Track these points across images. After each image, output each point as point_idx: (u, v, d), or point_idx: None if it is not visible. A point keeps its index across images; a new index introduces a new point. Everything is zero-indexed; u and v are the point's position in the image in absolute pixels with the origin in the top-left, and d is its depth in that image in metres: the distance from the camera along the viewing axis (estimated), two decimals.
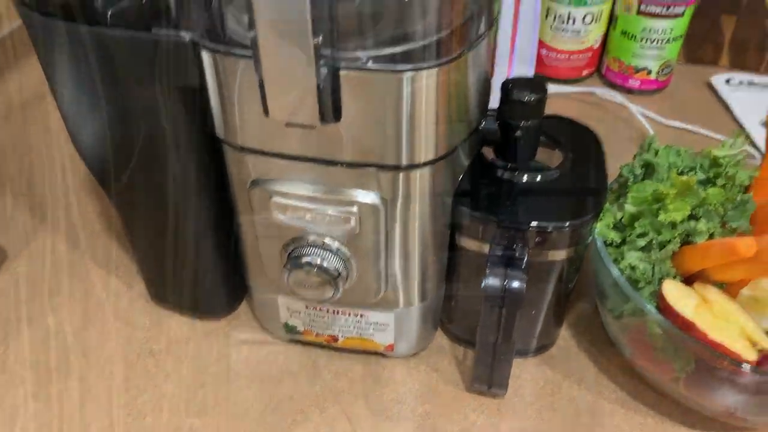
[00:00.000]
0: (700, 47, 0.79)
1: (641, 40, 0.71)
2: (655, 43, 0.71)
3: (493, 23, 0.37)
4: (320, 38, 0.28)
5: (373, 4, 0.29)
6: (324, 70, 0.30)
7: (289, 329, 0.46)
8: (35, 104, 0.43)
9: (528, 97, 0.38)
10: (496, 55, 0.40)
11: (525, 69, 0.66)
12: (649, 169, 0.41)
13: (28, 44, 0.36)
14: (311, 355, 0.47)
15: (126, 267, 0.54)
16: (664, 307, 0.37)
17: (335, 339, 0.45)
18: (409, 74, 0.31)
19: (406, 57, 0.31)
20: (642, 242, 0.39)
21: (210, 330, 0.49)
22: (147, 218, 0.43)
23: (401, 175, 0.36)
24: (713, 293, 0.38)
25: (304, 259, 0.38)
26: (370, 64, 0.31)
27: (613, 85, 0.76)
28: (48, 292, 0.51)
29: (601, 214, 0.41)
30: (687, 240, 0.39)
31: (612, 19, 0.73)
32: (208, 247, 0.44)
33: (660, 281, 0.39)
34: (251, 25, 0.28)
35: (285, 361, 0.47)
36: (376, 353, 0.46)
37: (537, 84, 0.39)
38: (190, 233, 0.43)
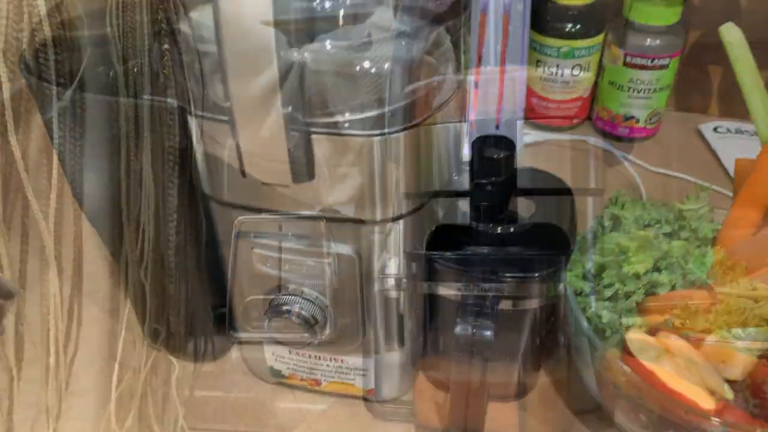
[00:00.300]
0: (689, 96, 0.81)
1: (628, 90, 0.73)
2: (642, 92, 0.73)
3: (461, 83, 0.39)
4: (290, 108, 0.31)
5: (341, 77, 0.32)
6: (295, 135, 0.32)
7: (275, 373, 0.48)
8: (38, 157, 0.46)
9: (497, 155, 0.40)
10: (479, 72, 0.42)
11: (516, 72, 0.67)
12: (616, 222, 0.43)
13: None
14: (296, 398, 0.49)
15: (123, 309, 0.56)
16: (627, 356, 0.38)
17: (318, 383, 0.47)
18: (378, 138, 0.34)
19: (375, 122, 0.33)
20: (609, 292, 0.41)
21: (202, 372, 0.51)
22: (141, 265, 0.46)
23: (375, 228, 0.38)
24: (676, 343, 0.39)
25: (284, 307, 0.40)
26: (339, 130, 0.33)
27: (603, 133, 0.77)
28: (48, 333, 0.54)
29: (572, 265, 0.42)
30: (651, 291, 0.40)
31: (600, 69, 0.76)
32: (200, 294, 0.46)
33: (626, 330, 0.40)
34: (227, 96, 0.31)
35: (271, 403, 0.48)
36: (358, 397, 0.48)
37: (505, 142, 0.41)
38: (183, 281, 0.45)
